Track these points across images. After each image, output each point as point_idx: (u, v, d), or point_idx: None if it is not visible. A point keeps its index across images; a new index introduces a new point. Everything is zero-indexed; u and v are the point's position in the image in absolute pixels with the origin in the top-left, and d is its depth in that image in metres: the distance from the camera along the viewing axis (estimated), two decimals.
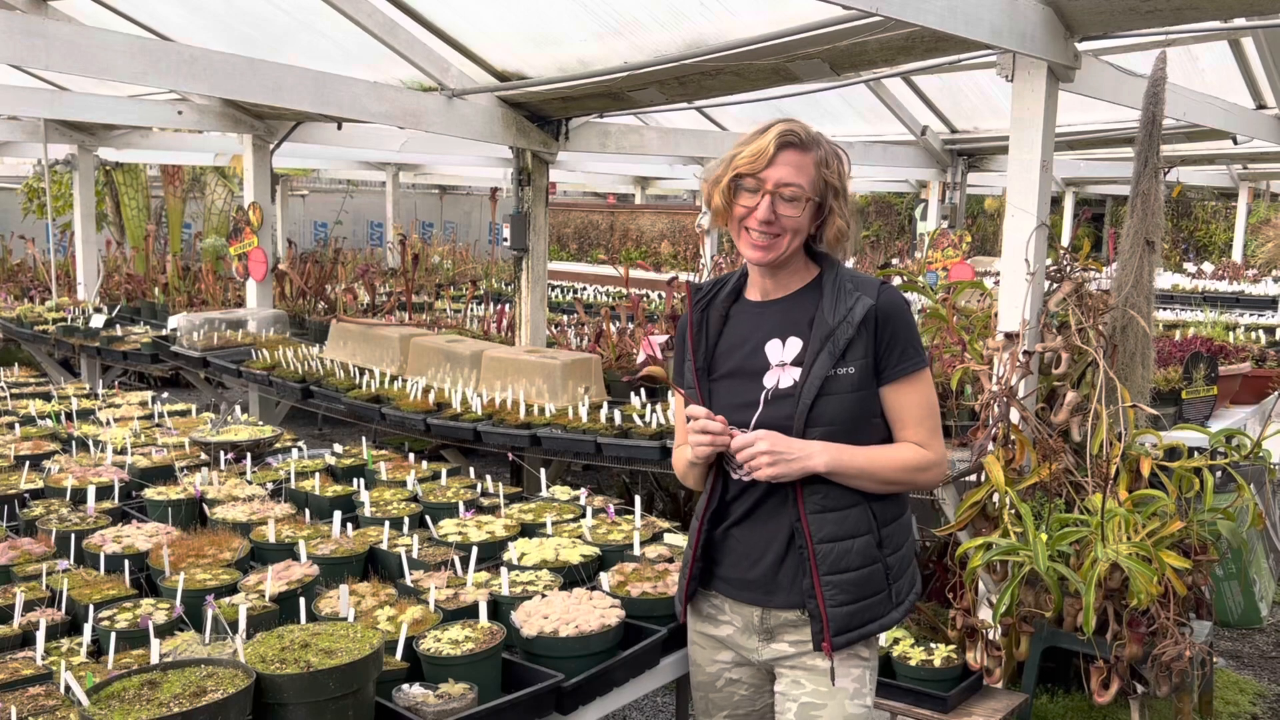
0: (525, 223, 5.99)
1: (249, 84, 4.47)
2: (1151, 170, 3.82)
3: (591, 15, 4.65)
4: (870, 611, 2.20)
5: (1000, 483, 3.40)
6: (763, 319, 2.28)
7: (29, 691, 2.10)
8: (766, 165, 2.14)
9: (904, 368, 2.20)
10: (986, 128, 7.52)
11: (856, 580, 2.18)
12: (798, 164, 2.14)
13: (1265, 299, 10.09)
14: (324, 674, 1.93)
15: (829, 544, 2.17)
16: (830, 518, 2.18)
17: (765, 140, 2.15)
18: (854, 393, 2.17)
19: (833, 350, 2.16)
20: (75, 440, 4.12)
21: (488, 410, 4.73)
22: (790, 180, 2.14)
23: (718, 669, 2.37)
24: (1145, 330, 3.78)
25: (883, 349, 2.18)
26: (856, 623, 2.18)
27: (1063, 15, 3.47)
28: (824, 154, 2.18)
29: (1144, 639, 3.24)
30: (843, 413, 2.17)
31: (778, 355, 2.23)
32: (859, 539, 2.18)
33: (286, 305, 7.52)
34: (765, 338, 2.25)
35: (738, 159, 2.17)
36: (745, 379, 2.25)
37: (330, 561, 2.80)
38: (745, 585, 2.27)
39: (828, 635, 2.16)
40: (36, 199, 10.80)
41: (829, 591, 2.16)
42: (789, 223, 2.16)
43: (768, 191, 2.14)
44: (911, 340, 2.21)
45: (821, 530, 2.17)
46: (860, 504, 2.20)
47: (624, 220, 15.83)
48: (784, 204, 2.15)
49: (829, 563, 2.16)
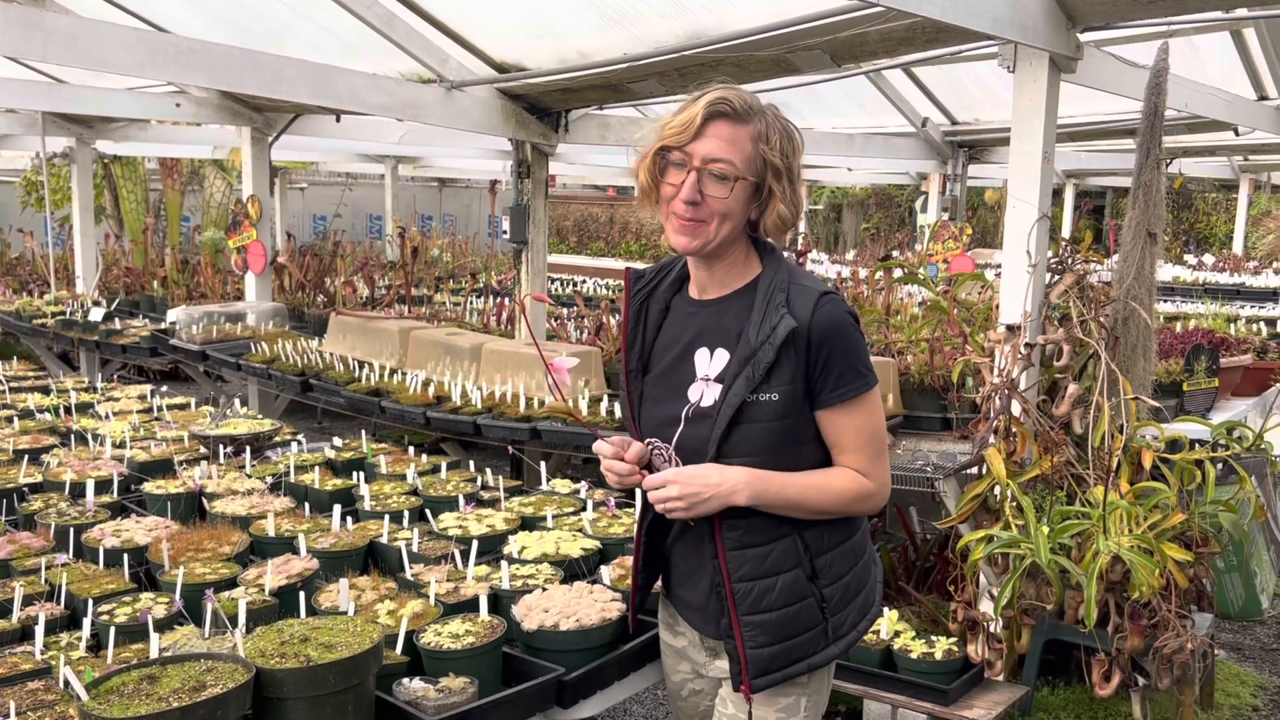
0: (525, 215, 5.97)
1: (247, 76, 4.45)
2: (1153, 162, 3.80)
3: (591, 6, 4.63)
4: (797, 651, 1.99)
5: (1001, 475, 3.39)
6: (695, 320, 2.04)
7: (28, 686, 2.09)
8: (693, 138, 1.87)
9: (841, 393, 1.94)
10: (987, 119, 7.50)
11: (780, 620, 1.97)
12: (730, 137, 1.87)
13: (1266, 291, 10.09)
14: (324, 668, 1.92)
15: (749, 582, 1.97)
16: (750, 554, 1.98)
17: (694, 109, 1.88)
18: (777, 421, 1.93)
19: (751, 375, 1.91)
20: (74, 434, 4.11)
21: (487, 403, 4.73)
22: (719, 155, 1.87)
23: (681, 679, 2.28)
24: (1147, 322, 3.77)
25: (816, 373, 1.93)
26: (779, 664, 1.98)
27: (1064, 6, 3.45)
28: (763, 128, 1.90)
29: (1145, 631, 3.24)
30: (763, 442, 1.94)
31: (704, 367, 2.00)
32: (784, 575, 1.97)
33: (285, 298, 7.51)
34: (694, 344, 2.03)
35: (665, 129, 1.91)
36: (672, 388, 2.04)
37: (330, 555, 2.80)
38: (688, 606, 2.15)
39: (745, 679, 1.98)
40: (35, 192, 10.79)
41: (748, 632, 1.97)
42: (716, 204, 1.89)
43: (694, 168, 1.88)
44: (851, 361, 1.94)
45: (740, 568, 1.97)
46: (788, 535, 1.98)
47: (624, 213, 15.81)
48: (712, 182, 1.88)
49: (748, 603, 1.97)
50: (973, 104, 7.37)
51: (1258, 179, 12.55)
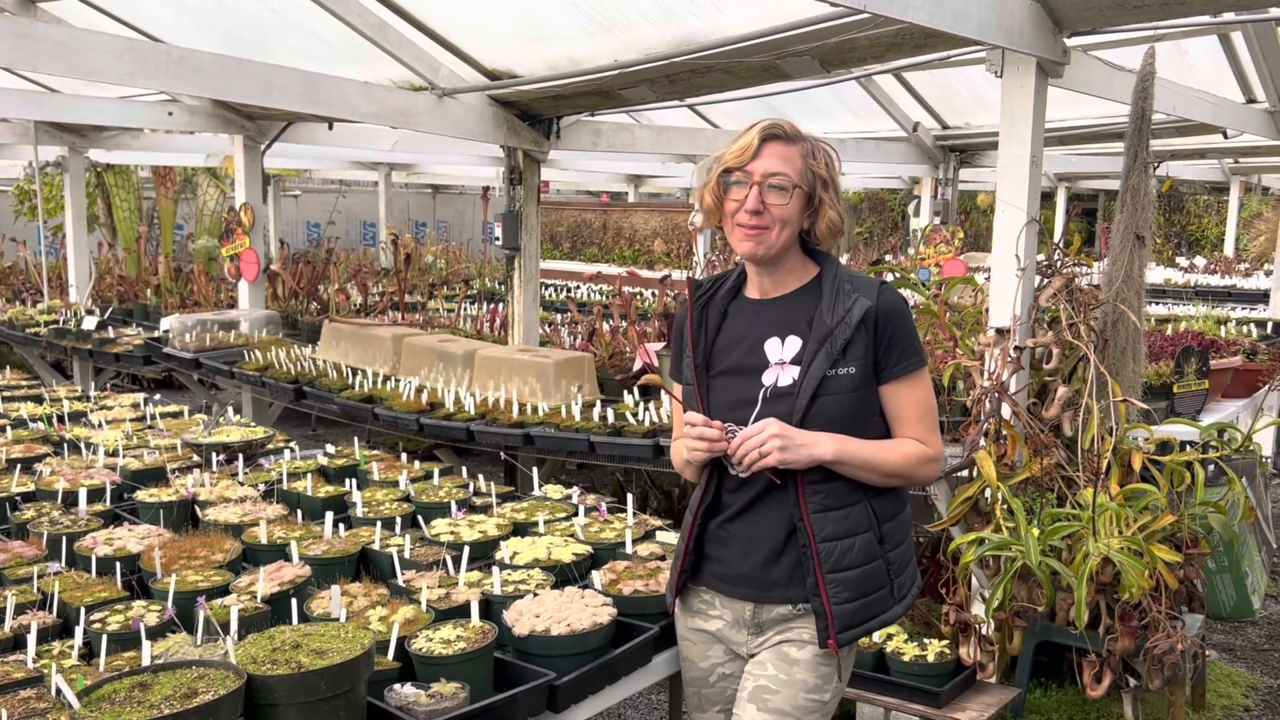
0: (517, 222, 5.98)
1: (238, 84, 4.46)
2: (1141, 165, 3.82)
3: (581, 13, 4.65)
4: (872, 608, 2.22)
5: (992, 478, 3.41)
6: (762, 317, 2.30)
7: (20, 695, 2.10)
8: (753, 158, 2.18)
9: (903, 367, 2.22)
10: (978, 123, 7.52)
11: (859, 578, 2.20)
12: (783, 155, 2.19)
13: (1257, 293, 10.13)
14: (315, 674, 1.93)
15: (831, 542, 2.19)
16: (832, 516, 2.19)
17: (750, 135, 2.20)
18: (853, 392, 2.19)
19: (830, 350, 2.18)
20: (67, 443, 4.11)
21: (481, 409, 4.73)
22: (776, 170, 2.17)
23: (710, 664, 2.37)
24: (1136, 325, 3.79)
25: (882, 349, 2.21)
26: (860, 619, 2.20)
27: (1051, 11, 3.47)
28: (809, 146, 2.22)
29: (1136, 633, 3.26)
30: (841, 412, 2.19)
31: (777, 353, 2.24)
32: (860, 536, 2.21)
33: (279, 306, 7.51)
34: (764, 335, 2.27)
35: (725, 156, 2.22)
36: (743, 376, 2.26)
37: (322, 562, 2.80)
38: (738, 580, 2.28)
39: (833, 632, 2.18)
40: (27, 201, 10.78)
41: (833, 589, 2.18)
42: (778, 211, 2.18)
43: (755, 183, 2.18)
44: (910, 340, 2.24)
45: (824, 529, 2.19)
46: (861, 501, 2.22)
47: (617, 218, 15.82)
48: (772, 193, 2.18)
49: (832, 561, 2.18)
50: (963, 108, 7.40)
51: (1248, 181, 12.60)
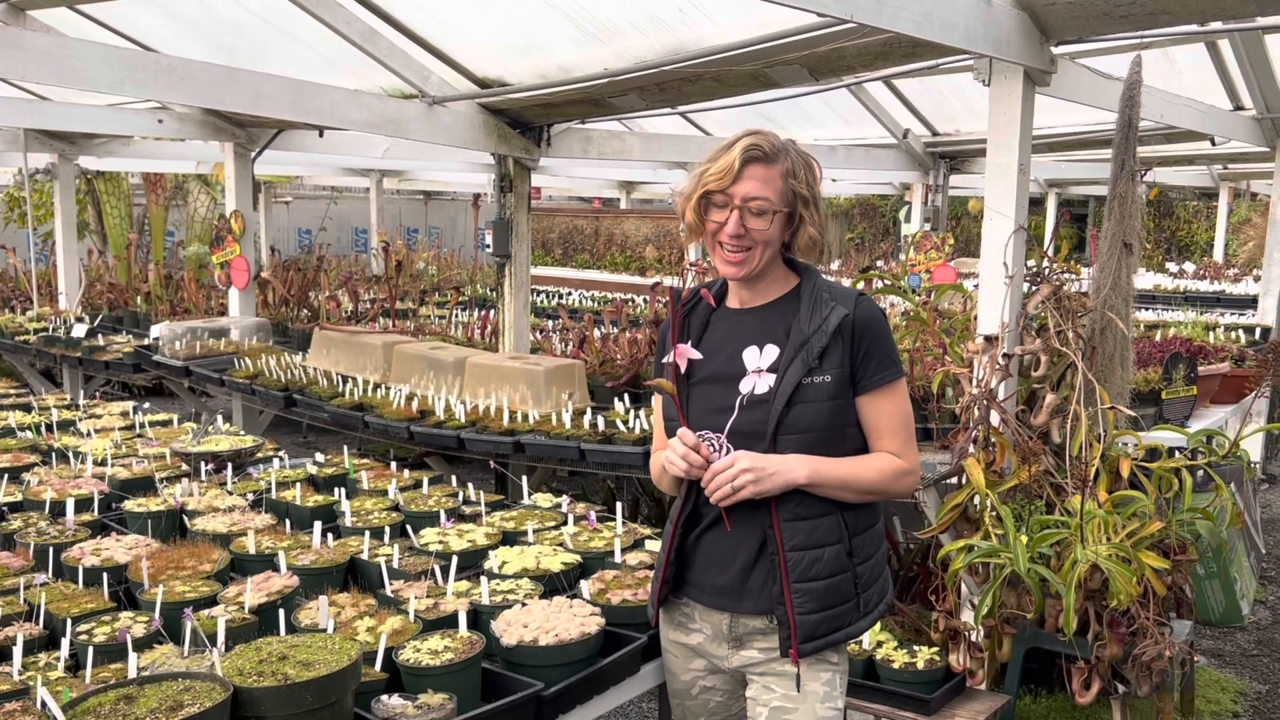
0: (508, 229, 5.98)
1: (227, 93, 4.46)
2: (1128, 173, 3.84)
3: (572, 22, 4.65)
4: (837, 620, 2.22)
5: (981, 485, 3.41)
6: (741, 326, 2.31)
7: (5, 708, 2.08)
8: (733, 181, 2.17)
9: (881, 378, 2.22)
10: (968, 130, 7.55)
11: (825, 589, 2.20)
12: (764, 177, 2.17)
13: (1246, 298, 10.14)
14: (301, 686, 1.92)
15: (799, 552, 2.18)
16: (803, 526, 2.19)
17: (731, 157, 2.17)
18: (828, 401, 2.19)
19: (806, 358, 2.18)
20: (55, 452, 4.10)
21: (471, 417, 4.73)
22: (757, 194, 2.17)
23: (692, 677, 2.38)
24: (1124, 332, 3.80)
25: (859, 359, 2.21)
26: (823, 631, 2.20)
27: (1038, 20, 3.49)
28: (790, 165, 2.21)
29: (1124, 639, 3.26)
30: (816, 421, 2.19)
31: (754, 361, 2.25)
32: (830, 548, 2.20)
33: (269, 313, 7.49)
34: (743, 344, 2.28)
35: (706, 175, 2.20)
36: (722, 384, 2.26)
37: (310, 572, 2.80)
38: (715, 591, 2.29)
39: (795, 643, 2.18)
40: (17, 208, 10.75)
41: (798, 599, 2.18)
42: (759, 235, 2.19)
43: (735, 207, 2.17)
44: (888, 351, 2.24)
45: (794, 538, 2.19)
46: (833, 513, 2.21)
47: (609, 225, 15.84)
48: (753, 218, 2.18)
49: (799, 570, 2.18)
50: (953, 115, 7.42)
51: (1237, 187, 12.65)
